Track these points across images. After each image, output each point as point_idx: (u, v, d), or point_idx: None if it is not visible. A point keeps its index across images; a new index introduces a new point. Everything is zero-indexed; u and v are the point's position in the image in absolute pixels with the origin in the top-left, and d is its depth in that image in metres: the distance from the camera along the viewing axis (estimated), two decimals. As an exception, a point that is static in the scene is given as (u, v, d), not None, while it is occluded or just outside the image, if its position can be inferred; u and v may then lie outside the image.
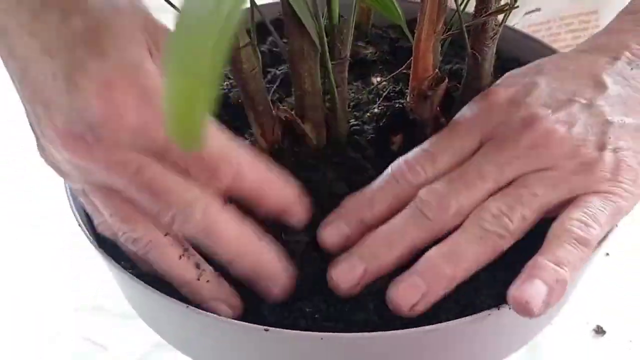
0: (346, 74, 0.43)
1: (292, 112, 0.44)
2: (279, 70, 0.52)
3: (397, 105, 0.46)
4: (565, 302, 0.43)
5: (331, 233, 0.40)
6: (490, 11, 0.39)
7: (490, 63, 0.43)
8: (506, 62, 0.54)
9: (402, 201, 0.40)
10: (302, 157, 0.45)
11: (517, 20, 0.69)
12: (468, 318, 0.35)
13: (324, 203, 0.43)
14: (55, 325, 0.68)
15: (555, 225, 0.38)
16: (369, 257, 0.38)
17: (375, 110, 0.48)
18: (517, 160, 0.39)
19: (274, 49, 0.55)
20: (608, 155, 0.39)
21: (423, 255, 0.38)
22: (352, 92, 0.53)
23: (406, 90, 0.46)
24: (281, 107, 0.44)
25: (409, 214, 0.39)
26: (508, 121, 0.41)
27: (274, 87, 0.48)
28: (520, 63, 0.56)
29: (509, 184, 0.39)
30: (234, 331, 0.36)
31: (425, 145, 0.42)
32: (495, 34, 0.41)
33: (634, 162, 0.39)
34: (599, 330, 0.72)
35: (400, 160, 0.42)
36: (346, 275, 0.37)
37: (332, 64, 0.41)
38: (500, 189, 0.39)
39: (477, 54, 0.42)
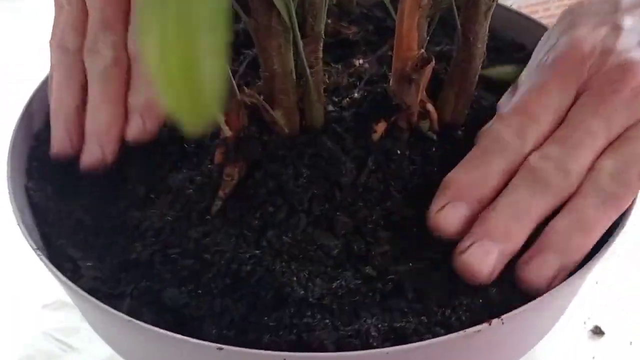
0: (320, 53, 0.38)
1: (260, 97, 0.39)
2: (253, 52, 0.47)
3: (378, 90, 0.41)
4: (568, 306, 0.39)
5: (449, 217, 0.37)
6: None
7: (483, 43, 0.39)
8: (500, 43, 0.49)
9: (512, 172, 0.37)
10: (272, 148, 0.40)
11: (513, 0, 0.64)
12: (454, 335, 0.30)
13: (293, 201, 0.38)
14: (21, 322, 0.64)
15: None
16: (502, 238, 0.35)
17: (356, 95, 0.43)
18: (623, 110, 0.37)
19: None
20: None
21: (548, 226, 0.35)
22: (332, 76, 0.48)
23: (390, 74, 0.41)
24: (247, 90, 0.39)
25: (527, 185, 0.36)
26: (603, 70, 0.38)
27: (242, 67, 0.43)
28: (515, 44, 0.51)
29: (617, 137, 0.37)
30: (181, 348, 0.31)
31: (523, 107, 0.38)
32: (489, 9, 0.37)
33: None
34: (597, 331, 0.69)
35: (499, 126, 0.39)
36: (482, 260, 0.35)
37: (303, 42, 0.36)
38: (610, 144, 0.37)
39: (467, 33, 0.37)
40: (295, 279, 0.36)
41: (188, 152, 0.44)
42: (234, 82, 0.38)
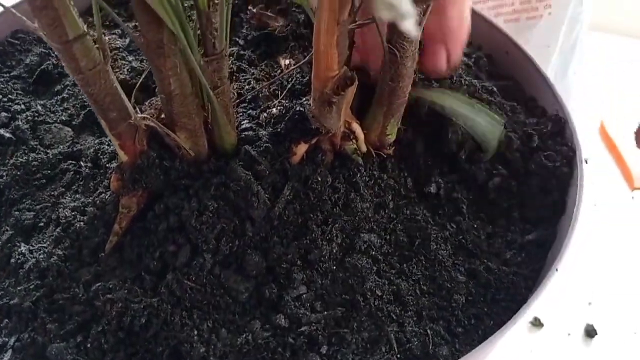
0: (226, 72, 0.33)
1: (162, 116, 0.34)
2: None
3: (297, 109, 0.36)
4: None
5: None
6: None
7: (412, 60, 0.34)
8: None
9: None
10: (173, 176, 0.35)
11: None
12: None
13: (196, 240, 0.34)
14: None
15: None
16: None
17: (274, 110, 0.38)
18: None
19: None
20: None
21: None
22: (253, 79, 0.43)
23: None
24: (146, 110, 0.34)
25: None
26: None
27: (140, 80, 0.38)
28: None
29: None
30: None
31: None
32: (418, 25, 0.32)
33: None
34: (536, 323, 0.70)
35: None
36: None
37: (204, 61, 0.31)
38: None
39: (394, 50, 0.33)
40: (196, 332, 0.32)
41: (83, 173, 0.38)
42: (127, 102, 0.33)
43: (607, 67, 1.21)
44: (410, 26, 0.14)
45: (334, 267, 0.35)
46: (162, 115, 0.34)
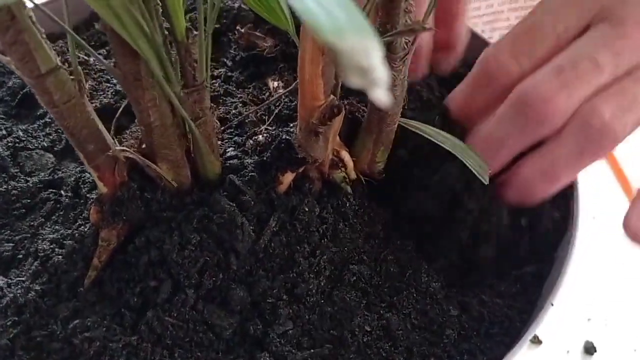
0: (207, 102, 0.31)
1: (142, 146, 0.33)
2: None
3: (283, 137, 0.35)
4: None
5: None
6: (398, 29, 0.28)
7: (402, 89, 0.33)
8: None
9: (502, 95, 0.34)
10: (155, 208, 0.34)
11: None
12: None
13: (178, 276, 0.33)
14: None
15: None
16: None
17: (260, 137, 0.37)
18: (638, 47, 0.32)
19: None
20: None
21: (519, 163, 0.34)
22: (240, 102, 0.42)
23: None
24: (126, 140, 0.33)
25: (509, 118, 0.33)
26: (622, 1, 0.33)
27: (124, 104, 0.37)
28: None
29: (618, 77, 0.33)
30: None
31: (520, 28, 0.34)
32: (407, 54, 0.31)
33: None
34: (535, 340, 0.69)
35: (490, 51, 0.35)
36: None
37: (184, 93, 0.30)
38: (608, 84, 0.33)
39: (383, 79, 0.32)
40: (176, 373, 0.31)
41: (63, 202, 0.37)
42: (106, 133, 0.32)
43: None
44: (381, 96, 0.13)
45: (322, 301, 0.34)
46: (144, 145, 0.33)
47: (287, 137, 0.35)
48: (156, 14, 0.27)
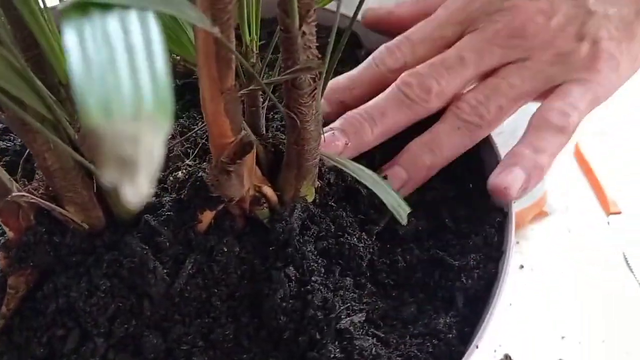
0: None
1: (47, 192, 0.32)
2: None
3: (199, 175, 0.34)
4: None
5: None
6: (297, 67, 0.27)
7: (317, 123, 0.31)
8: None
9: (383, 85, 0.41)
10: (64, 252, 0.32)
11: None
12: None
13: (86, 324, 0.31)
14: None
15: (535, 115, 0.40)
16: (351, 132, 0.39)
17: (179, 173, 0.36)
18: (497, 49, 0.40)
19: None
20: (585, 46, 0.40)
21: (408, 144, 0.40)
22: (169, 134, 0.41)
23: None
24: (27, 187, 0.31)
25: (390, 94, 0.40)
26: (490, 11, 0.42)
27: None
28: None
29: (490, 74, 0.41)
30: None
31: (407, 33, 0.43)
32: (314, 89, 0.29)
33: (616, 51, 0.41)
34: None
35: (381, 46, 0.43)
36: (329, 147, 0.38)
37: (78, 137, 0.29)
38: (480, 78, 0.41)
39: (293, 115, 0.30)
40: None
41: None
42: (5, 178, 0.30)
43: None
44: (131, 194, 0.11)
45: (241, 347, 0.32)
46: (50, 188, 0.32)
47: (203, 174, 0.33)
48: (38, 58, 0.26)
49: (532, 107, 0.42)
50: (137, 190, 0.11)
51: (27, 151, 0.35)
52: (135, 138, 0.12)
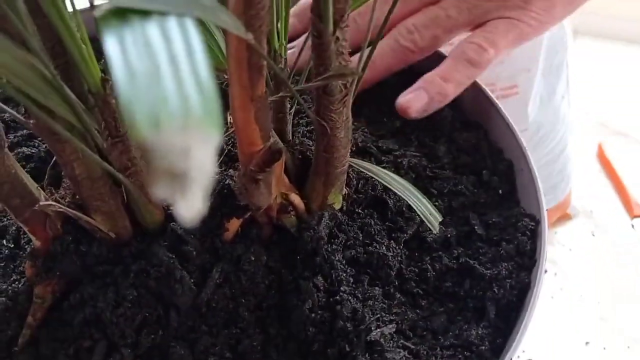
0: (133, 152, 0.30)
1: (73, 200, 0.31)
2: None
3: (226, 182, 0.33)
4: None
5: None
6: (329, 74, 0.26)
7: (346, 130, 0.31)
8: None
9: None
10: (91, 262, 0.32)
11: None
12: None
13: (113, 335, 0.31)
14: None
15: (457, 46, 0.42)
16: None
17: (205, 181, 0.35)
18: None
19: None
20: None
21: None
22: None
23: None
24: (54, 195, 0.31)
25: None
26: None
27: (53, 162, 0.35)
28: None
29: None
30: None
31: None
32: (345, 96, 0.29)
33: None
34: None
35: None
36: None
37: (108, 145, 0.28)
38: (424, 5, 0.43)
39: (323, 122, 0.30)
40: None
41: (4, 253, 0.36)
42: (32, 187, 0.30)
43: (605, 81, 1.16)
44: (186, 211, 0.11)
45: (267, 358, 0.32)
46: (77, 196, 0.32)
47: (230, 182, 0.33)
48: (66, 66, 0.25)
49: (560, 104, 0.41)
50: (190, 205, 0.11)
51: (54, 158, 0.34)
52: (186, 150, 0.11)
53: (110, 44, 0.14)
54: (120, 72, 0.13)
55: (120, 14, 0.16)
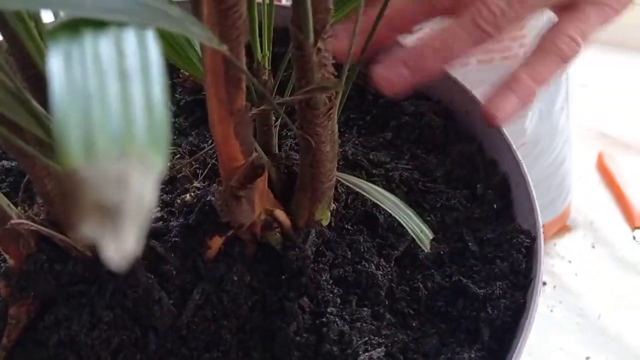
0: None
1: (48, 217, 0.30)
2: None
3: (208, 198, 0.32)
4: None
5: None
6: (311, 87, 0.25)
7: (332, 144, 0.29)
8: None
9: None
10: (66, 281, 0.31)
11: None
12: None
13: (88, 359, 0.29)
14: None
15: (547, 37, 0.38)
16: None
17: (187, 197, 0.34)
18: None
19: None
20: None
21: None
22: (179, 152, 0.39)
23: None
24: (27, 212, 0.30)
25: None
26: None
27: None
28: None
29: None
30: None
31: None
32: (330, 109, 0.27)
33: None
34: None
35: None
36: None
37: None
38: None
39: (307, 136, 0.28)
40: None
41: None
42: (4, 204, 0.29)
43: (604, 89, 1.15)
44: (114, 252, 0.09)
45: (251, 382, 0.30)
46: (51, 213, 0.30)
47: (212, 198, 0.31)
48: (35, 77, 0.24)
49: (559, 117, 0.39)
50: (120, 245, 0.09)
51: (26, 178, 0.33)
52: (122, 180, 0.10)
53: (54, 61, 0.13)
54: (59, 90, 0.12)
55: (72, 28, 0.15)
